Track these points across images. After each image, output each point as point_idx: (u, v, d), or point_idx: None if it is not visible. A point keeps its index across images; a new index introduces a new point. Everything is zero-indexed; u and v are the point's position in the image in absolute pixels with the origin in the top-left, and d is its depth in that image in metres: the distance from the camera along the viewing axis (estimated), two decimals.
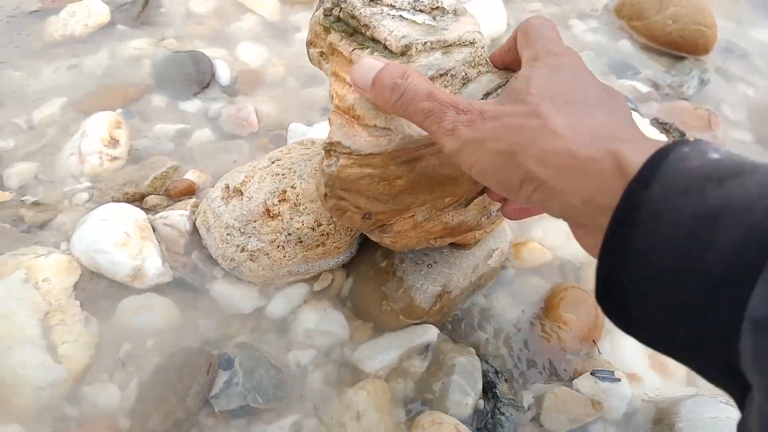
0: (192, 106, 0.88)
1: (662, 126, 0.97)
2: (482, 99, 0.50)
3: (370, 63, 0.45)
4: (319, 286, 0.68)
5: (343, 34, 0.53)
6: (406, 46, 0.49)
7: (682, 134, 0.96)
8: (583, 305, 0.70)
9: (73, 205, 0.73)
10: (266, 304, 0.67)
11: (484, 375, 0.63)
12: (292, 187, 0.65)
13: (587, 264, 0.76)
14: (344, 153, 0.50)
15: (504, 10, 1.13)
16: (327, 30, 0.54)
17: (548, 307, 0.70)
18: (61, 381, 0.58)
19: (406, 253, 0.68)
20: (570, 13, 1.19)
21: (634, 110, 0.98)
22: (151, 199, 0.73)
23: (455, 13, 0.54)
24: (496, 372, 0.64)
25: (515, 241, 0.77)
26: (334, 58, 0.55)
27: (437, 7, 0.53)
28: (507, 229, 0.73)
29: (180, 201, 0.74)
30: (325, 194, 0.55)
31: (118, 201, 0.72)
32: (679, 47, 1.11)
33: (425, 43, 0.50)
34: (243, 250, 0.66)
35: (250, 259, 0.66)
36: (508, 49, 0.49)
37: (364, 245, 0.71)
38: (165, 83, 0.91)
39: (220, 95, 0.91)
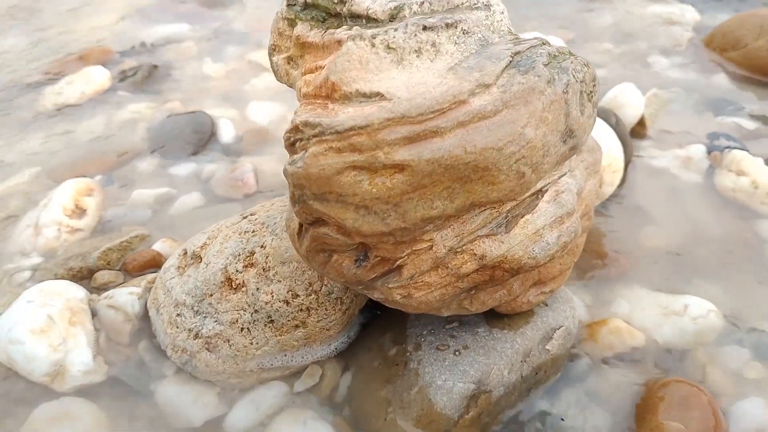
0: (183, 169, 0.74)
1: None
2: (511, 58, 0.36)
3: None
4: (303, 386, 0.48)
5: (312, 23, 0.41)
6: (395, 8, 0.37)
7: None
8: (694, 407, 0.46)
9: (10, 286, 0.58)
10: (226, 412, 0.47)
11: None
12: (261, 246, 0.47)
13: (696, 347, 0.52)
14: (314, 135, 0.34)
15: None
16: (292, 23, 0.43)
17: (642, 413, 0.47)
18: None
19: (423, 335, 0.47)
20: (649, 50, 1.00)
21: (741, 149, 0.75)
22: (102, 276, 0.57)
23: None
24: None
25: (591, 319, 0.55)
26: (304, 58, 0.41)
27: None
28: (574, 299, 0.52)
29: (139, 277, 0.57)
30: (298, 230, 0.39)
31: (62, 278, 0.57)
32: None
33: (421, 3, 0.38)
34: (197, 336, 0.48)
35: (207, 349, 0.48)
36: None
37: (368, 327, 0.51)
38: (158, 147, 0.78)
39: (219, 156, 0.76)
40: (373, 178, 0.33)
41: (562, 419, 0.47)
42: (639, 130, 0.81)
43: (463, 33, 0.37)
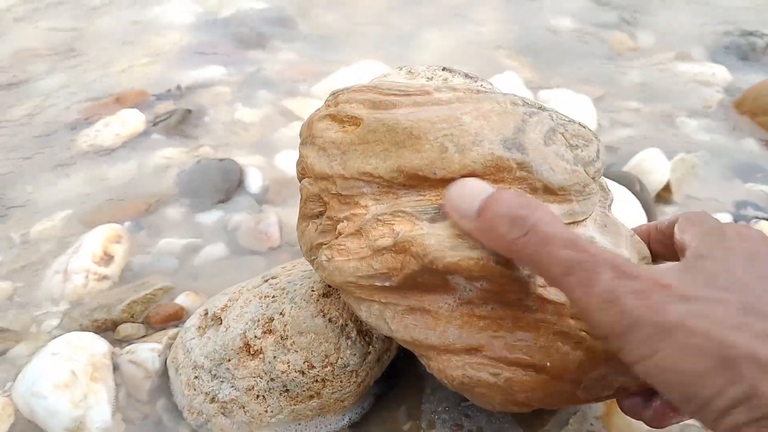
0: (210, 217, 0.76)
1: None
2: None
3: (475, 184, 0.36)
4: None
5: None
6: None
7: None
8: None
9: (38, 333, 0.60)
10: None
11: None
12: (280, 313, 0.48)
13: None
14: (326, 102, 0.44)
15: (594, 108, 0.96)
16: None
17: None
18: None
19: (438, 412, 0.47)
20: (678, 111, 1.00)
21: None
22: (125, 329, 0.58)
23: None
24: None
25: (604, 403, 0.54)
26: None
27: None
28: None
29: (162, 331, 0.59)
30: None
31: (87, 329, 0.58)
32: None
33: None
34: (213, 400, 0.48)
35: (222, 414, 0.48)
36: (660, 229, 0.42)
37: (382, 399, 0.51)
38: (187, 193, 0.79)
39: (246, 205, 0.78)
40: (337, 127, 0.40)
41: None
42: (664, 195, 0.81)
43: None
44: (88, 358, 0.53)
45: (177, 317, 0.60)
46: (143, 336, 0.58)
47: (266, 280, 0.52)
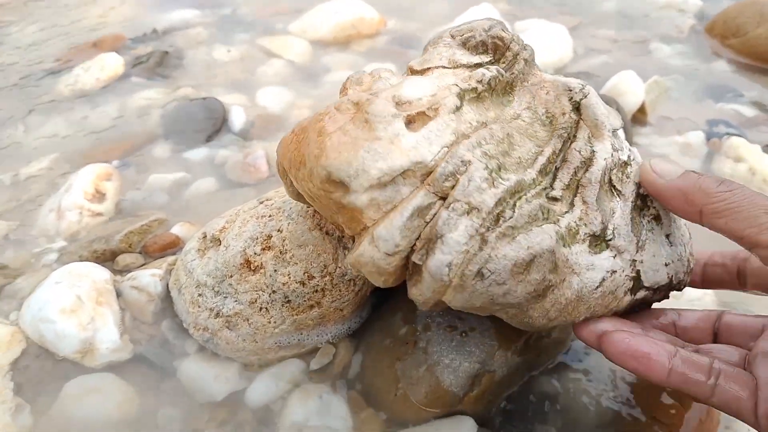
0: (197, 154, 0.77)
1: None
2: None
3: (669, 165, 0.41)
4: (318, 364, 0.51)
5: None
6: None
7: None
8: None
9: (38, 268, 0.61)
10: (245, 387, 0.50)
11: None
12: (278, 230, 0.50)
13: None
14: None
15: (569, 37, 0.97)
16: None
17: (641, 391, 0.50)
18: None
19: (433, 316, 0.50)
20: (651, 37, 1.02)
21: (740, 136, 0.77)
22: (124, 258, 0.60)
23: None
24: None
25: None
26: None
27: None
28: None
29: (160, 259, 0.60)
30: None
31: (86, 261, 0.60)
32: None
33: None
34: (218, 315, 0.51)
35: (227, 327, 0.51)
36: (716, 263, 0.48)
37: (380, 307, 0.54)
38: (172, 132, 0.80)
39: (231, 141, 0.79)
40: None
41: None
42: (639, 116, 0.83)
43: None
44: (91, 284, 0.55)
45: (173, 245, 0.61)
46: (142, 265, 0.60)
47: (261, 202, 0.54)
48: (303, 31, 1.00)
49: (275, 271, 0.49)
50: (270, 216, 0.51)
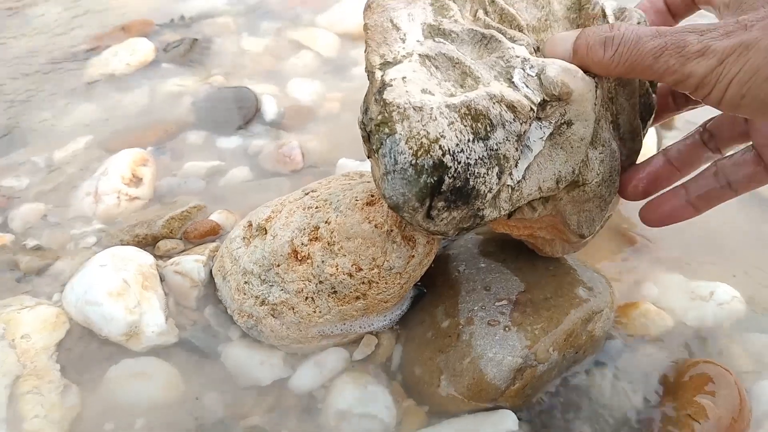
0: (231, 142, 0.77)
1: None
2: None
3: (561, 35, 0.42)
4: (361, 354, 0.52)
5: None
6: None
7: None
8: (722, 386, 0.50)
9: (77, 250, 0.62)
10: (290, 374, 0.51)
11: None
12: (326, 222, 0.51)
13: (724, 332, 0.56)
14: None
15: None
16: None
17: (671, 390, 0.51)
18: None
19: (475, 311, 0.51)
20: None
21: None
22: (165, 244, 0.61)
23: None
24: None
25: (621, 302, 0.59)
26: None
27: None
28: (608, 284, 0.55)
29: (200, 245, 0.61)
30: None
31: (128, 245, 0.60)
32: None
33: None
34: (263, 303, 0.52)
35: (272, 315, 0.52)
36: None
37: (418, 301, 0.55)
38: (204, 120, 0.80)
39: (264, 131, 0.79)
40: None
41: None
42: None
43: None
44: (136, 268, 0.56)
45: (214, 232, 0.62)
46: (183, 251, 0.61)
47: (307, 193, 0.55)
48: (331, 24, 1.01)
49: (323, 261, 0.50)
50: (317, 207, 0.52)
